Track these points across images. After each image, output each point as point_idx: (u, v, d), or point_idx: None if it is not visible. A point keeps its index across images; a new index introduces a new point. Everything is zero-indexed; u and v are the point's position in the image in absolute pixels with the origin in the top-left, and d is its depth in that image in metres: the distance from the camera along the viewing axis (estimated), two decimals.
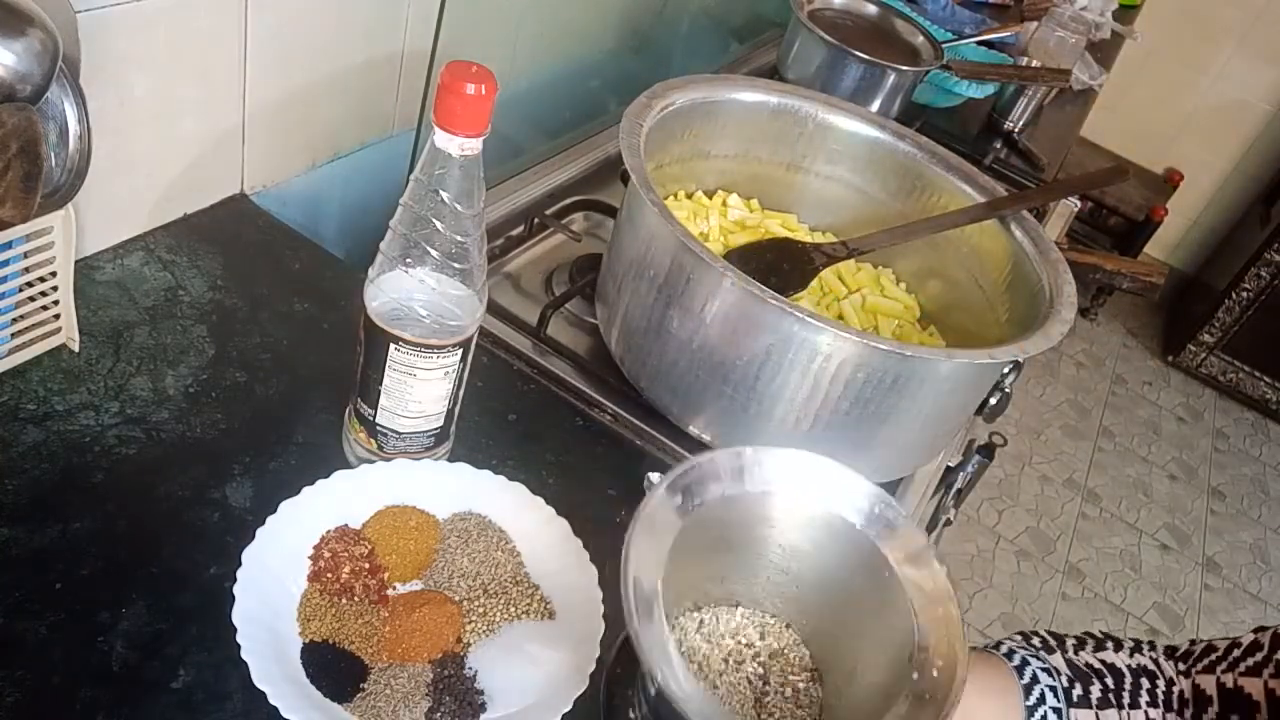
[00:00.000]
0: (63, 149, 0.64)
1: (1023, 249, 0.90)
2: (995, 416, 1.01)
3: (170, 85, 0.79)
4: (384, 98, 1.02)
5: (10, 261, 0.65)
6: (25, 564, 0.59)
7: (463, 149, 0.58)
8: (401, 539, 0.65)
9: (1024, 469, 2.64)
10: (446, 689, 0.58)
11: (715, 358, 0.77)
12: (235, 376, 0.75)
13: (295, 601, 0.61)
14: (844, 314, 0.95)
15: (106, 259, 0.81)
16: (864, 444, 0.79)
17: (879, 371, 0.74)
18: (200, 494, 0.66)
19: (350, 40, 0.92)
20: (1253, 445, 3.03)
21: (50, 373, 0.70)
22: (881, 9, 1.49)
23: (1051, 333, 0.78)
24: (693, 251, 0.73)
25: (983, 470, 1.03)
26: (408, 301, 0.63)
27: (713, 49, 1.64)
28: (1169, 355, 3.22)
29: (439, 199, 0.59)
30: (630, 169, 0.78)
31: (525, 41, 1.16)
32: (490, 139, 0.58)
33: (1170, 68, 3.21)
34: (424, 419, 0.68)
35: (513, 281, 0.99)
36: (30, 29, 0.58)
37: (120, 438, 0.68)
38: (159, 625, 0.58)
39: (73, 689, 0.54)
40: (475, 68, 0.57)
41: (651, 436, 0.85)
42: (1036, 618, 2.23)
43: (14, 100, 0.59)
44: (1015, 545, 2.41)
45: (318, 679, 0.57)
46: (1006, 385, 0.98)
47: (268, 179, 0.94)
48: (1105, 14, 1.90)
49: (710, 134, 0.99)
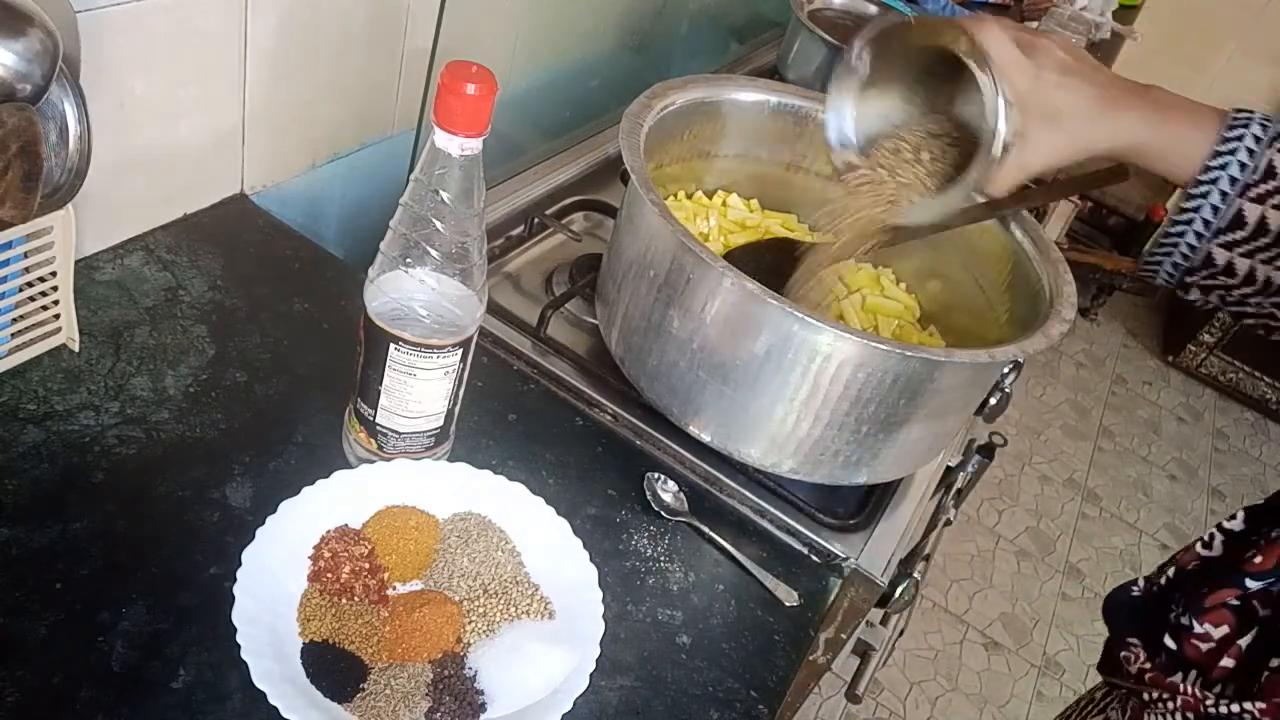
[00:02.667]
0: (63, 149, 0.64)
1: (1023, 249, 0.90)
2: (995, 416, 1.01)
3: (170, 85, 0.79)
4: (384, 98, 1.02)
5: (10, 261, 0.65)
6: (25, 564, 0.59)
7: (463, 149, 0.58)
8: (401, 539, 0.65)
9: (1024, 469, 2.64)
10: (446, 689, 0.58)
11: (715, 358, 0.77)
12: (235, 376, 0.75)
13: (295, 601, 0.60)
14: (844, 314, 0.95)
15: (106, 259, 0.81)
16: (864, 444, 0.79)
17: (879, 371, 0.74)
18: (200, 494, 0.66)
19: (350, 40, 0.92)
20: (1253, 445, 3.03)
21: (50, 373, 0.70)
22: (881, 9, 1.49)
23: (1051, 333, 0.78)
24: (693, 251, 0.73)
25: (983, 470, 1.03)
26: (408, 301, 0.63)
27: (713, 49, 1.64)
28: (1169, 355, 3.22)
29: (439, 199, 0.59)
30: (630, 169, 0.78)
31: (525, 41, 1.16)
32: (490, 139, 0.58)
33: (1170, 68, 3.21)
34: (424, 419, 0.68)
35: (513, 281, 0.99)
36: (30, 29, 0.58)
37: (120, 438, 0.68)
38: (159, 625, 0.58)
39: (73, 689, 0.54)
40: (475, 68, 0.57)
41: (651, 436, 0.85)
42: (1036, 618, 2.23)
43: (14, 100, 0.59)
44: (1015, 545, 2.41)
45: (318, 679, 0.57)
46: (1006, 385, 0.98)
47: (268, 179, 0.94)
48: (1105, 14, 1.90)
49: (710, 134, 0.98)
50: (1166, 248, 0.64)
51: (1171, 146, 0.63)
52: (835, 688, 1.86)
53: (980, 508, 2.47)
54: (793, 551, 0.81)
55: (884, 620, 0.99)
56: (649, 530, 0.77)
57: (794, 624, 0.74)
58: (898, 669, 2.01)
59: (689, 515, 0.79)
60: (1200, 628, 0.56)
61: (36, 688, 0.54)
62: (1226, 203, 0.60)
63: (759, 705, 0.68)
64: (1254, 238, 0.60)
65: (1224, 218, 0.61)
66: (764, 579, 0.76)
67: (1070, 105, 0.64)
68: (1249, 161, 0.60)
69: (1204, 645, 0.56)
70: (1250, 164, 0.60)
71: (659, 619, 0.71)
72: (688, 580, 0.74)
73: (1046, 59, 0.64)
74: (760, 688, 0.69)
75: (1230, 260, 0.62)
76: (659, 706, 0.65)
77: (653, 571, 0.74)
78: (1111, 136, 0.64)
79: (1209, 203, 0.61)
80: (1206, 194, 0.61)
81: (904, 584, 0.83)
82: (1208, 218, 0.61)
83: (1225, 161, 0.60)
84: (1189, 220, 0.62)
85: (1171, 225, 0.63)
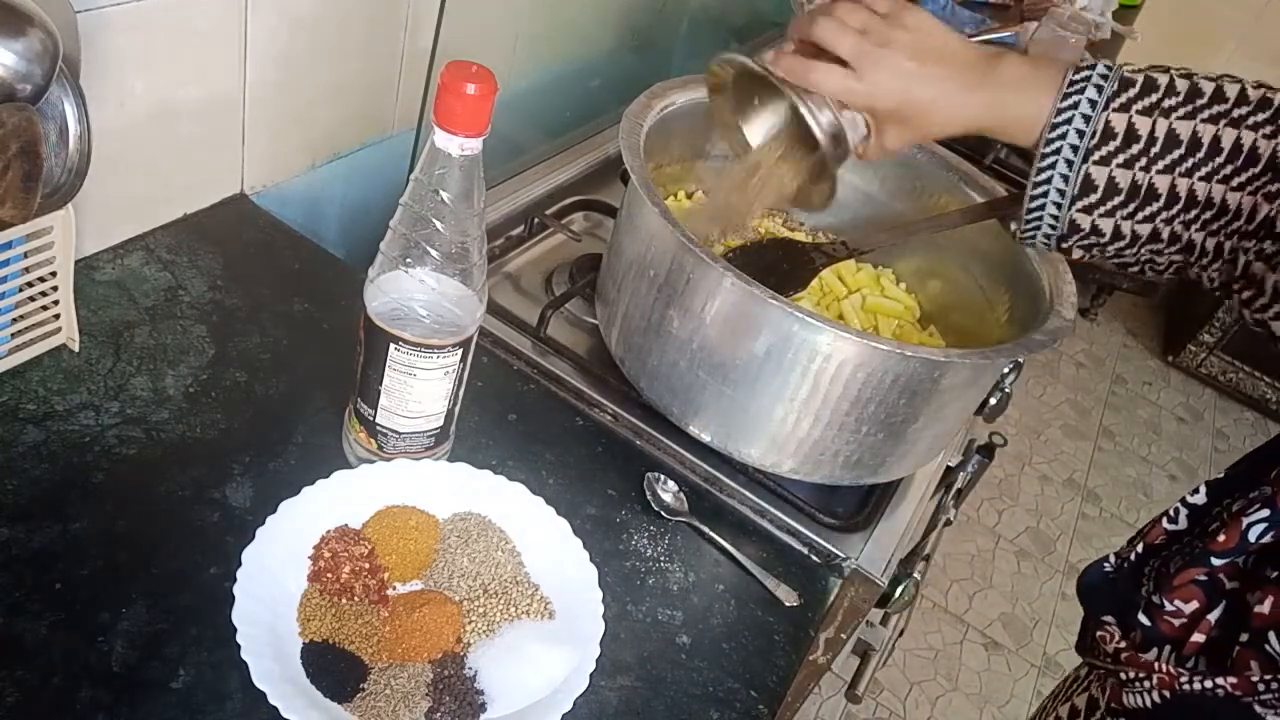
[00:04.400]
0: (63, 149, 0.64)
1: (1023, 249, 0.90)
2: (995, 416, 1.01)
3: (170, 85, 0.79)
4: (384, 98, 1.02)
5: (10, 261, 0.65)
6: (25, 564, 0.59)
7: (463, 149, 0.58)
8: (401, 539, 0.65)
9: (1024, 469, 2.64)
10: (446, 689, 0.58)
11: (715, 358, 0.77)
12: (235, 376, 0.75)
13: (295, 601, 0.60)
14: (844, 314, 0.95)
15: (106, 259, 0.81)
16: (864, 444, 0.79)
17: (879, 372, 0.74)
18: (200, 494, 0.66)
19: (350, 40, 0.92)
20: (1253, 445, 3.00)
21: (50, 373, 0.70)
22: None
23: (1051, 332, 0.78)
24: (693, 251, 0.73)
25: (983, 470, 1.03)
26: (408, 301, 0.63)
27: (713, 49, 1.63)
28: (1169, 355, 3.22)
29: (439, 199, 0.59)
30: (630, 169, 0.78)
31: (525, 41, 1.16)
32: (490, 139, 0.58)
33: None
34: (424, 419, 0.68)
35: (513, 281, 0.99)
36: (30, 29, 0.58)
37: (120, 438, 0.68)
38: (159, 625, 0.58)
39: (73, 689, 0.54)
40: (475, 68, 0.57)
41: (651, 436, 0.85)
42: (1036, 618, 2.23)
43: (14, 100, 0.59)
44: (1015, 545, 2.41)
45: (318, 679, 0.57)
46: (1006, 385, 0.98)
47: (268, 179, 0.94)
48: (1105, 14, 1.90)
49: (710, 134, 0.98)
50: (1033, 219, 0.65)
51: (1014, 124, 0.64)
52: (835, 688, 1.86)
53: (980, 508, 2.47)
54: (793, 551, 0.81)
55: (884, 620, 0.99)
56: (649, 530, 0.77)
57: (794, 624, 0.74)
58: (898, 669, 2.01)
59: (689, 515, 0.79)
60: (1171, 605, 0.57)
61: (36, 688, 0.54)
62: (1073, 170, 0.61)
63: (759, 705, 0.68)
64: (1106, 198, 0.61)
65: (1074, 184, 0.62)
66: (764, 579, 0.76)
67: (915, 101, 0.66)
68: (1084, 127, 0.61)
69: (1176, 621, 0.57)
70: (1087, 129, 0.61)
71: (659, 619, 0.71)
72: (688, 580, 0.74)
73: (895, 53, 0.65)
74: (760, 688, 0.69)
75: (1094, 222, 0.62)
76: (659, 706, 0.65)
77: (653, 571, 0.74)
78: (960, 124, 0.66)
79: (1057, 173, 0.62)
80: (1053, 164, 0.62)
81: (904, 584, 0.83)
82: (1060, 187, 0.62)
83: (1063, 131, 0.61)
84: (1044, 192, 0.63)
85: (1030, 200, 0.64)
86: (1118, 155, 0.60)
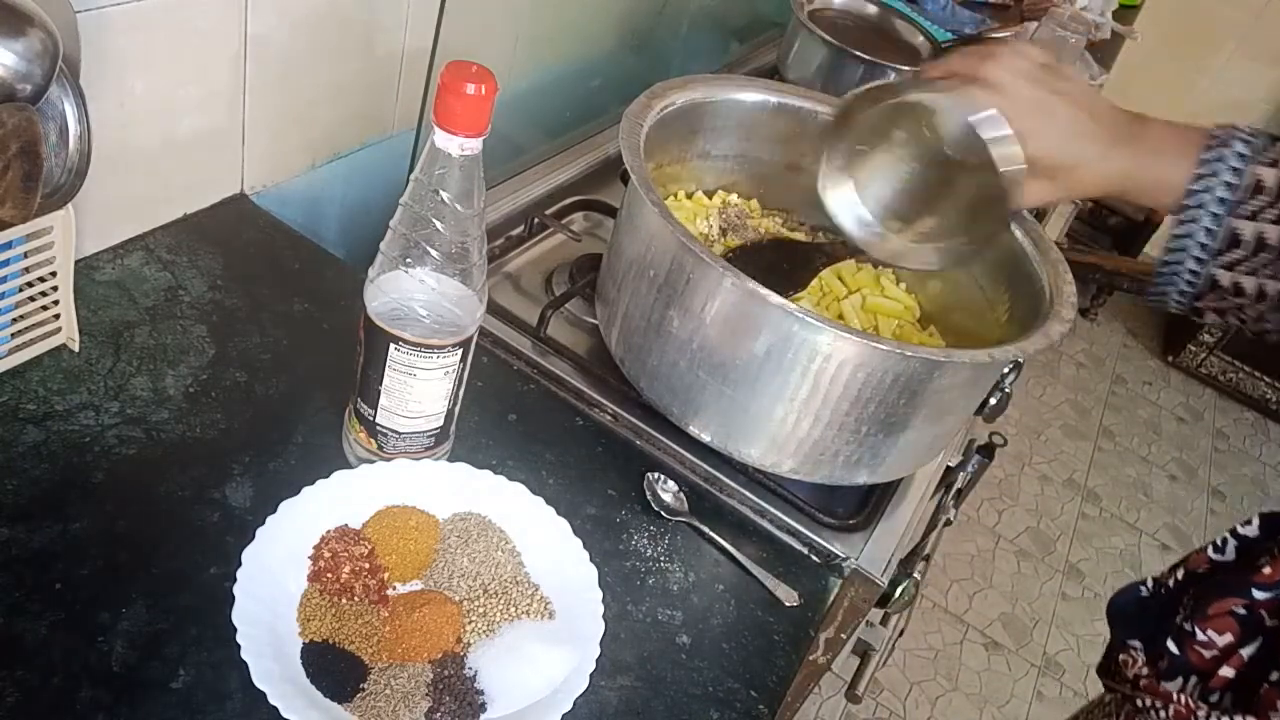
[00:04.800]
0: (63, 149, 0.64)
1: (1023, 249, 0.90)
2: (995, 416, 1.01)
3: (170, 85, 0.79)
4: (384, 98, 1.02)
5: (10, 261, 0.65)
6: (25, 564, 0.59)
7: (463, 149, 0.58)
8: (401, 539, 0.65)
9: (1024, 469, 2.64)
10: (446, 689, 0.58)
11: (715, 358, 0.77)
12: (235, 376, 0.75)
13: (295, 601, 0.60)
14: (844, 314, 0.95)
15: (106, 259, 0.81)
16: (864, 444, 0.79)
17: (879, 372, 0.74)
18: (200, 494, 0.66)
19: (350, 40, 0.92)
20: (1253, 445, 3.03)
21: (50, 373, 0.70)
22: (881, 9, 1.49)
23: (1051, 333, 0.78)
24: (693, 251, 0.73)
25: (983, 470, 1.03)
26: (408, 301, 0.63)
27: (713, 49, 1.64)
28: (1169, 355, 3.22)
29: (439, 199, 0.59)
30: (630, 169, 0.78)
31: (525, 41, 1.16)
32: (490, 139, 0.58)
33: (1170, 68, 3.21)
34: (424, 419, 0.68)
35: (513, 281, 0.99)
36: (30, 29, 0.58)
37: (120, 438, 0.68)
38: (159, 625, 0.58)
39: (73, 689, 0.54)
40: (475, 68, 0.57)
41: (651, 436, 0.85)
42: (1036, 618, 2.23)
43: (14, 100, 0.59)
44: (1015, 545, 2.41)
45: (318, 679, 0.57)
46: (1006, 385, 0.98)
47: (268, 179, 0.94)
48: (1105, 14, 1.90)
49: (710, 134, 0.99)
50: (1167, 276, 0.63)
51: (1155, 186, 0.63)
52: (835, 688, 1.86)
53: (980, 508, 2.47)
54: (793, 551, 0.81)
55: (884, 620, 0.99)
56: (649, 530, 0.77)
57: (794, 624, 0.74)
58: (898, 669, 2.01)
59: (689, 515, 0.79)
60: (1203, 635, 0.56)
61: (36, 688, 0.54)
62: (1219, 224, 0.60)
63: (759, 705, 0.68)
64: (1254, 254, 0.60)
65: (1219, 239, 0.60)
66: (764, 579, 0.76)
67: (1071, 154, 0.64)
68: (1234, 180, 0.59)
69: (1207, 652, 0.56)
70: (1236, 182, 0.59)
71: (659, 619, 0.71)
72: (688, 580, 0.74)
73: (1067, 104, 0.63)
74: (760, 688, 0.69)
75: (1236, 281, 0.61)
76: (659, 706, 0.65)
77: (653, 571, 0.74)
78: (1101, 183, 0.65)
79: (1201, 226, 0.60)
80: (1196, 218, 0.60)
81: (904, 584, 0.83)
82: (1203, 241, 0.61)
83: (1209, 185, 0.60)
84: (1183, 246, 0.62)
85: (1167, 253, 0.62)
86: (1267, 210, 0.59)
